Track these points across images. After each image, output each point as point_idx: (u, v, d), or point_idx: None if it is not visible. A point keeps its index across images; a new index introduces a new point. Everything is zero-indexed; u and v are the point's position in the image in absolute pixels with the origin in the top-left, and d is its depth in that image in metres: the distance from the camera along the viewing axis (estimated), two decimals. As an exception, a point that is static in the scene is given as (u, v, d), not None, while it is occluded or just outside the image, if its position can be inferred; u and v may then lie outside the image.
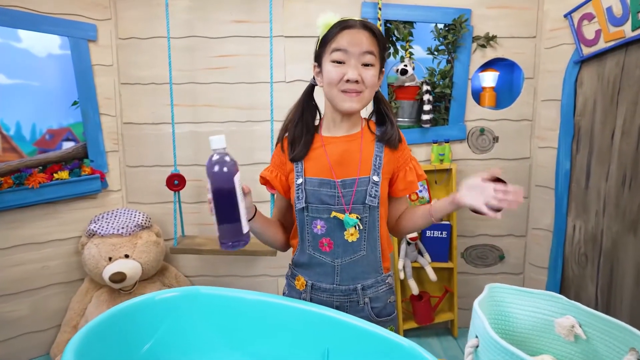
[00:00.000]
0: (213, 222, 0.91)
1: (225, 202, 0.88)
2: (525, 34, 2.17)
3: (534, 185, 2.28)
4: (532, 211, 2.30)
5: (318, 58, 1.10)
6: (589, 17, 1.91)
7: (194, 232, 2.28)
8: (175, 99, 2.11)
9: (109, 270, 1.93)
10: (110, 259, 1.97)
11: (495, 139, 2.26)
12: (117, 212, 2.13)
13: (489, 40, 2.16)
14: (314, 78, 1.15)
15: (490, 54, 2.19)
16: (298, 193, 1.11)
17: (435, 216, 1.13)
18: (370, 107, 1.19)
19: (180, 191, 2.08)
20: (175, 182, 2.01)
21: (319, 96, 1.15)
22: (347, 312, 1.14)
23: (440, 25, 2.18)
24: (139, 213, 2.12)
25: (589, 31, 1.92)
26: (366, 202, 1.09)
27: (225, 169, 0.89)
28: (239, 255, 2.05)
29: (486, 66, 2.25)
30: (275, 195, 1.23)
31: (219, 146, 0.91)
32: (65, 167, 2.07)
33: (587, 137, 2.01)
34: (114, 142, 2.22)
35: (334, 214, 1.09)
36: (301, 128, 1.13)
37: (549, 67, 2.16)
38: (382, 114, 1.16)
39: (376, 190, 1.10)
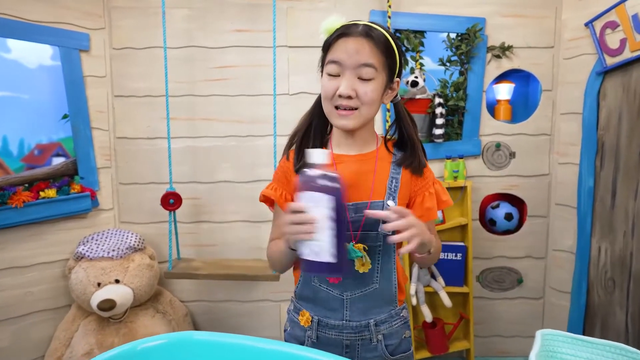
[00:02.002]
0: (302, 252, 0.83)
1: (341, 222, 0.81)
2: (542, 43, 2.05)
3: (553, 203, 2.14)
4: (552, 231, 2.15)
5: (322, 66, 0.99)
6: (613, 25, 1.80)
7: (191, 254, 2.13)
8: (171, 112, 1.98)
9: (98, 296, 1.77)
10: (99, 284, 1.82)
11: (512, 155, 2.13)
12: (107, 233, 1.98)
13: (504, 50, 2.04)
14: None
15: (505, 64, 2.07)
16: None
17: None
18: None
19: (176, 210, 1.94)
20: (171, 201, 1.87)
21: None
22: (358, 351, 1.02)
23: (453, 35, 2.07)
24: (132, 234, 1.98)
25: (612, 40, 1.81)
26: (379, 230, 0.95)
27: (339, 185, 0.81)
28: (239, 279, 1.90)
29: (500, 78, 2.13)
30: (276, 214, 1.09)
31: (323, 161, 0.83)
32: (53, 185, 1.93)
33: (612, 152, 1.88)
34: (106, 157, 2.08)
35: None
36: (310, 139, 1.01)
37: (568, 78, 2.04)
38: (401, 130, 1.02)
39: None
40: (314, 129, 1.02)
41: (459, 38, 2.05)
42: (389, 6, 1.97)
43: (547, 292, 2.19)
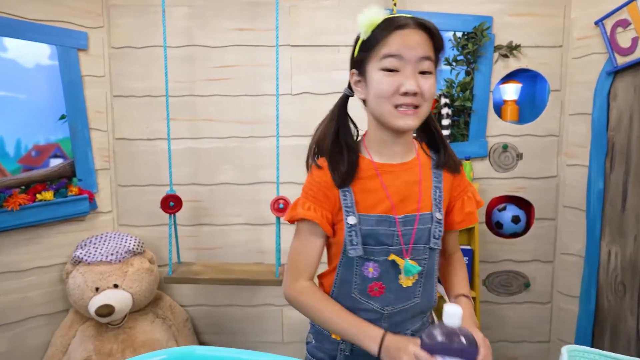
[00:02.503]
0: None
1: None
2: (550, 43, 2.01)
3: (561, 206, 2.09)
4: (560, 234, 2.11)
5: (359, 64, 0.90)
6: (624, 23, 1.75)
7: (191, 257, 2.09)
8: (172, 113, 1.94)
9: (96, 302, 1.73)
10: (97, 289, 1.77)
11: (519, 156, 2.08)
12: (106, 236, 1.93)
13: (512, 49, 2.00)
14: (348, 88, 0.96)
15: (513, 64, 2.02)
16: (351, 236, 0.91)
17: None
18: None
19: (177, 213, 1.89)
20: (171, 203, 1.82)
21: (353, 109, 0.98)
22: None
23: (459, 34, 2.02)
24: (131, 237, 1.93)
25: (624, 39, 1.76)
26: (430, 244, 0.91)
27: (476, 348, 0.73)
28: (240, 284, 1.85)
29: (507, 78, 2.09)
30: (307, 237, 0.96)
31: (459, 321, 0.71)
32: (50, 187, 1.89)
33: (623, 154, 1.84)
34: (104, 159, 2.04)
35: (392, 257, 0.90)
36: (340, 147, 0.93)
37: (577, 78, 1.99)
38: (432, 133, 0.97)
39: (440, 230, 0.92)
40: (343, 135, 0.94)
41: (466, 37, 2.01)
42: (394, 4, 1.93)
43: (555, 296, 2.15)
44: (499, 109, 2.14)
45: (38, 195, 1.83)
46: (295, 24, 2.00)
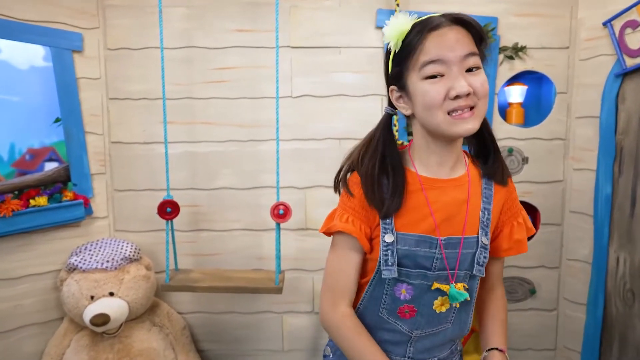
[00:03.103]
0: None
1: None
2: (557, 44, 1.96)
3: (568, 211, 2.05)
4: (566, 240, 2.06)
5: (397, 79, 0.84)
6: (634, 24, 1.71)
7: (189, 263, 2.04)
8: (169, 116, 1.90)
9: (91, 311, 1.68)
10: (92, 297, 1.72)
11: (525, 160, 2.04)
12: (101, 242, 1.88)
13: (517, 51, 1.95)
14: (390, 106, 0.89)
15: (518, 66, 1.98)
16: (387, 255, 0.84)
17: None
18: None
19: (174, 219, 1.84)
20: (168, 209, 1.77)
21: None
22: None
23: (463, 35, 1.97)
24: (127, 244, 1.88)
25: (633, 40, 1.72)
26: (473, 271, 0.84)
27: None
28: (240, 292, 1.80)
29: (512, 80, 2.04)
30: (345, 253, 0.90)
31: None
32: (44, 192, 1.84)
33: (632, 158, 1.79)
34: (100, 163, 1.99)
35: (436, 285, 0.83)
36: (387, 172, 0.86)
37: (584, 80, 1.95)
38: (483, 137, 0.89)
39: (485, 257, 0.85)
40: (390, 158, 0.86)
41: (470, 38, 1.96)
42: (397, 5, 1.88)
43: (562, 303, 2.10)
44: (503, 111, 2.09)
45: (31, 201, 1.78)
46: (295, 25, 1.96)
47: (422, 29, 0.79)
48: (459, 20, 0.79)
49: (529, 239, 0.97)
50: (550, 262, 2.09)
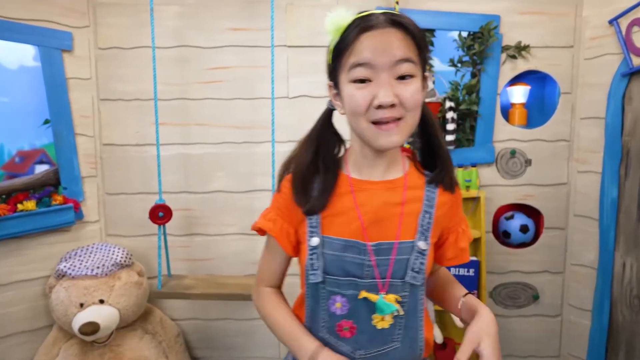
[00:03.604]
0: None
1: None
2: (561, 43, 1.91)
3: (572, 214, 1.99)
4: (570, 244, 2.01)
5: (333, 75, 0.79)
6: (641, 22, 1.65)
7: (183, 269, 1.98)
8: (162, 117, 1.84)
9: (80, 319, 1.62)
10: (81, 305, 1.67)
11: (528, 162, 1.98)
12: (92, 248, 1.83)
13: (520, 50, 1.90)
14: (330, 101, 0.84)
15: (521, 65, 1.92)
16: (312, 259, 0.79)
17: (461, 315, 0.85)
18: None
19: (167, 223, 1.79)
20: (160, 214, 1.72)
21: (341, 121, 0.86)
22: None
23: (464, 34, 1.92)
24: (118, 249, 1.83)
25: (640, 39, 1.67)
26: (406, 278, 0.78)
27: None
28: (234, 299, 1.75)
29: (515, 80, 1.99)
30: (270, 249, 0.90)
31: None
32: (33, 196, 1.78)
33: (638, 160, 1.74)
34: (91, 166, 1.93)
35: (363, 294, 0.78)
36: (317, 169, 0.81)
37: (589, 80, 1.89)
38: (430, 139, 0.84)
39: (421, 263, 0.79)
40: (323, 156, 0.82)
41: (472, 37, 1.91)
42: (397, 2, 1.83)
43: (566, 309, 2.05)
44: (506, 112, 2.04)
45: (19, 205, 1.73)
46: (292, 24, 1.90)
47: (357, 27, 0.73)
48: (396, 22, 0.73)
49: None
50: (554, 267, 2.03)
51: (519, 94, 2.02)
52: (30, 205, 1.74)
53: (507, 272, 2.04)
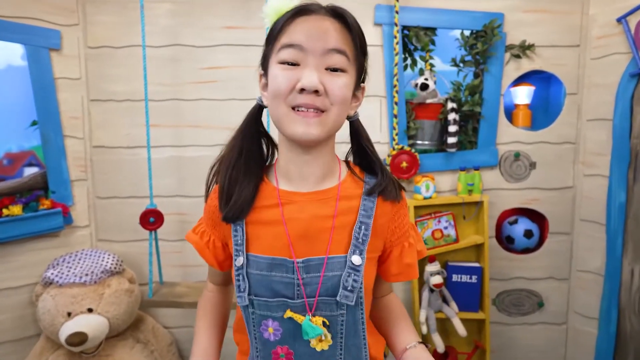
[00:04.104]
0: None
1: None
2: (567, 42, 1.85)
3: (578, 219, 1.93)
4: (576, 250, 1.95)
5: (264, 62, 0.74)
6: (651, 20, 1.59)
7: (175, 275, 1.92)
8: (154, 119, 1.78)
9: (67, 329, 1.56)
10: (69, 314, 1.60)
11: (532, 165, 1.92)
12: (81, 254, 1.76)
13: (525, 49, 1.83)
14: (260, 96, 0.79)
15: (526, 65, 1.86)
16: (239, 281, 0.72)
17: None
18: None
19: (160, 228, 1.72)
20: (151, 219, 1.66)
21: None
22: None
23: (467, 32, 1.86)
24: (108, 255, 1.76)
25: (650, 38, 1.60)
26: (338, 298, 0.70)
27: None
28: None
29: (519, 80, 1.93)
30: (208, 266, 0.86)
31: None
32: (19, 201, 1.72)
33: (648, 163, 1.68)
34: (81, 169, 1.87)
35: (289, 313, 0.71)
36: (238, 171, 0.74)
37: (596, 80, 1.83)
38: (365, 154, 0.78)
39: (355, 280, 0.70)
40: (246, 157, 0.75)
41: (474, 36, 1.85)
42: (397, 0, 1.76)
43: (571, 317, 1.98)
44: (510, 114, 1.97)
45: (5, 210, 1.66)
46: (288, 22, 1.84)
47: (294, 11, 0.69)
48: (337, 14, 0.69)
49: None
50: (560, 274, 1.97)
51: (523, 94, 1.95)
52: (16, 210, 1.67)
53: (511, 279, 1.98)
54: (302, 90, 0.66)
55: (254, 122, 0.78)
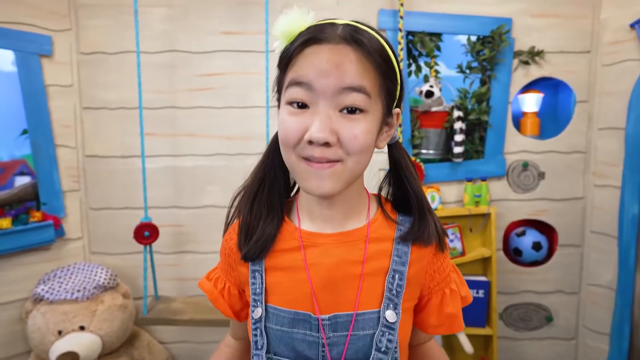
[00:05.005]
0: None
1: None
2: (577, 47, 1.79)
3: (589, 231, 1.87)
4: (587, 263, 1.88)
5: (278, 90, 0.64)
6: (666, 26, 1.53)
7: (172, 289, 1.86)
8: (150, 127, 1.72)
9: (57, 348, 1.49)
10: (60, 332, 1.54)
11: (541, 175, 1.86)
12: (73, 268, 1.70)
13: (533, 55, 1.77)
14: None
15: (535, 72, 1.80)
16: (256, 336, 0.64)
17: None
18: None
19: (156, 240, 1.66)
20: (146, 233, 1.59)
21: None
22: None
23: (474, 38, 1.79)
24: (102, 269, 1.70)
25: (665, 44, 1.54)
26: (373, 357, 0.61)
27: None
28: (225, 325, 1.62)
29: (527, 87, 1.86)
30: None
31: None
32: (8, 213, 1.65)
33: (662, 175, 1.61)
34: (73, 179, 1.80)
35: None
36: (261, 205, 0.66)
37: (608, 88, 1.77)
38: (402, 186, 0.67)
39: (389, 340, 0.61)
40: (269, 189, 0.66)
41: (481, 41, 1.78)
42: (401, 4, 1.70)
43: (581, 332, 1.92)
44: (517, 122, 1.91)
45: (-7, 224, 1.60)
46: (288, 27, 1.77)
47: (304, 37, 0.58)
48: (354, 39, 0.57)
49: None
50: (569, 287, 1.91)
51: (531, 102, 1.89)
52: (5, 223, 1.61)
53: (519, 292, 1.91)
54: (311, 141, 0.56)
55: (276, 152, 0.66)
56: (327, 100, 0.56)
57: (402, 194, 0.67)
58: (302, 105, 0.57)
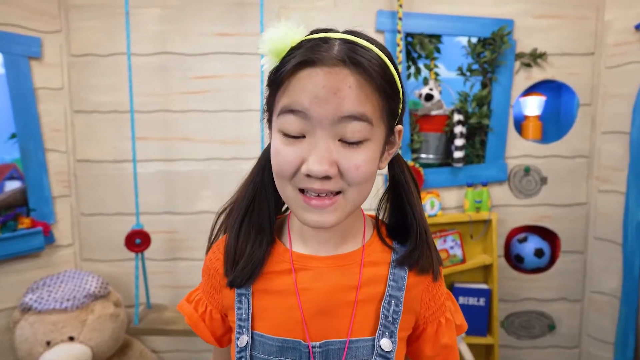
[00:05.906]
0: None
1: None
2: (580, 49, 1.74)
3: (592, 237, 1.83)
4: (590, 270, 1.84)
5: (268, 110, 0.58)
6: (673, 28, 1.49)
7: (165, 297, 1.81)
8: (142, 131, 1.68)
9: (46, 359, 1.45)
10: (48, 343, 1.49)
11: (543, 180, 1.81)
12: (63, 276, 1.65)
13: (535, 57, 1.73)
14: None
15: (537, 75, 1.76)
16: None
17: None
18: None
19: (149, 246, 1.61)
20: (137, 241, 1.55)
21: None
22: None
23: (474, 40, 1.75)
24: (92, 277, 1.65)
25: (671, 46, 1.50)
26: None
27: None
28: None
29: (529, 90, 1.82)
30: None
31: None
32: (-4, 220, 1.61)
33: (668, 180, 1.57)
34: (64, 184, 1.76)
35: None
36: (250, 227, 0.61)
37: (612, 91, 1.73)
38: (402, 209, 0.62)
39: None
40: (259, 209, 0.62)
41: (482, 43, 1.74)
42: (400, 5, 1.66)
43: (584, 340, 1.88)
44: (519, 125, 1.87)
45: (-21, 231, 1.55)
46: (285, 28, 1.73)
47: (297, 58, 0.51)
48: (352, 60, 0.50)
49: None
50: (572, 295, 1.87)
51: (533, 105, 1.85)
52: (-8, 230, 1.56)
53: (521, 300, 1.87)
54: (309, 175, 0.52)
55: (263, 173, 0.63)
56: (325, 130, 0.51)
57: (401, 218, 0.62)
58: (296, 136, 0.52)
